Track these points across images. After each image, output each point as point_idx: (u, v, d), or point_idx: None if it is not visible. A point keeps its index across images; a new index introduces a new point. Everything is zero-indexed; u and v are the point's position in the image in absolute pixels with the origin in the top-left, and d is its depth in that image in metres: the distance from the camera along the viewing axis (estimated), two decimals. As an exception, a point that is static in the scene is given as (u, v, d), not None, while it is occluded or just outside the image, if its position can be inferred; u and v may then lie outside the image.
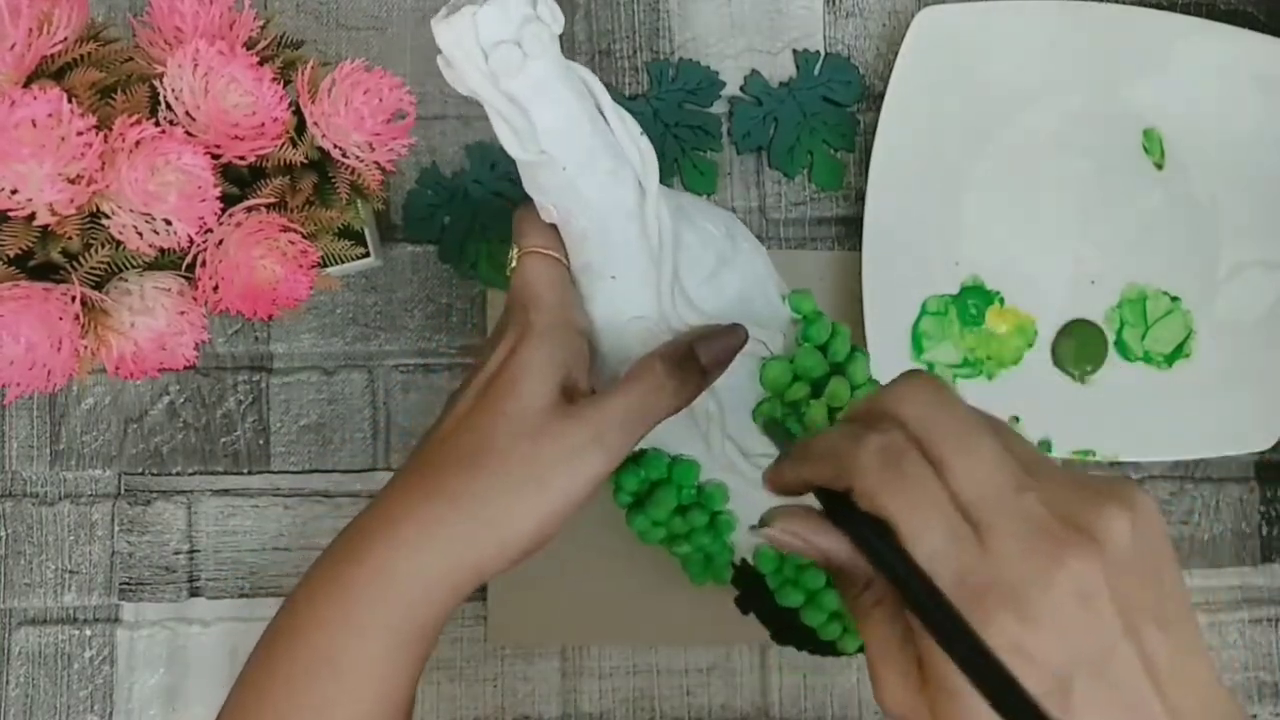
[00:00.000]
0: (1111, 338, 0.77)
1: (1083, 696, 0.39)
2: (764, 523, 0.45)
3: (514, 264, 0.58)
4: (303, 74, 0.57)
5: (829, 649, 0.67)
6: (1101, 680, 0.39)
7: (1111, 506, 0.40)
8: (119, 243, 0.54)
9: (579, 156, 0.54)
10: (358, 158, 0.58)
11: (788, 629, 0.68)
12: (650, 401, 0.54)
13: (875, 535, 0.41)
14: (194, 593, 0.76)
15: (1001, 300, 0.77)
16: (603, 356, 0.59)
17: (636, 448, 0.59)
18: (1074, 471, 0.43)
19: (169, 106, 0.54)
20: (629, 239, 0.56)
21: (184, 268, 0.56)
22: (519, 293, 0.57)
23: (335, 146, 0.58)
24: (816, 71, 0.79)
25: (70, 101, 0.50)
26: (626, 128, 0.55)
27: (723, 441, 0.61)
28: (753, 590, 0.67)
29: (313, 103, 0.57)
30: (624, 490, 0.62)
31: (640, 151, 0.56)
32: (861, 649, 0.66)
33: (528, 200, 0.57)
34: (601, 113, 0.55)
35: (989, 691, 0.37)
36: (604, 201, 0.55)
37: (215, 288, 0.56)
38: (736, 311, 0.59)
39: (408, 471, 0.55)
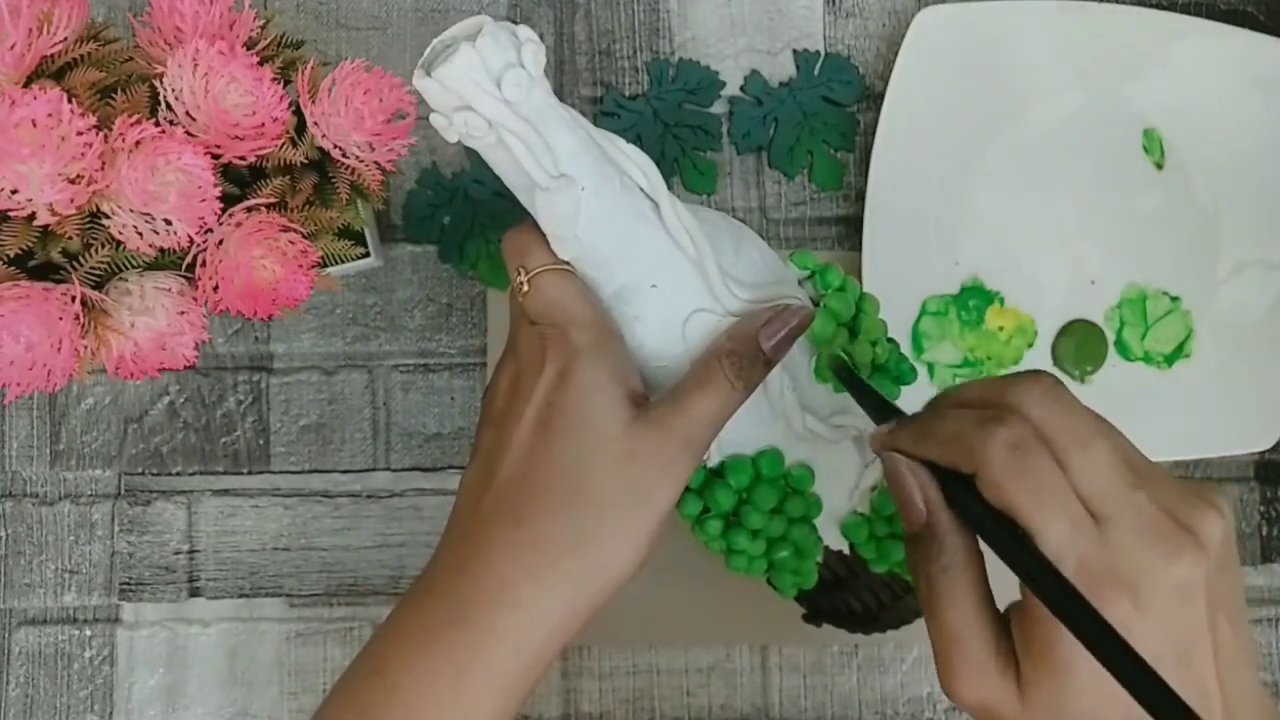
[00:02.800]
0: (1111, 338, 0.77)
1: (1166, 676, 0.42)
2: (890, 457, 0.49)
3: (525, 289, 0.54)
4: (303, 74, 0.57)
5: (917, 609, 0.66)
6: (1184, 668, 0.43)
7: (1210, 510, 0.44)
8: (119, 243, 0.54)
9: (595, 175, 0.53)
10: (358, 158, 0.58)
11: (870, 617, 0.67)
12: (724, 400, 0.53)
13: (995, 521, 0.45)
14: (194, 593, 0.76)
15: (1001, 300, 0.77)
16: (666, 370, 0.57)
17: (714, 463, 0.59)
18: (1168, 474, 0.47)
19: (169, 106, 0.54)
20: (657, 244, 0.55)
21: (184, 268, 0.56)
22: (548, 314, 0.53)
23: (335, 146, 0.58)
24: (816, 71, 0.79)
25: (70, 101, 0.50)
26: (615, 143, 0.56)
27: (800, 413, 0.60)
28: (828, 591, 0.66)
29: (313, 103, 0.57)
30: (715, 515, 0.59)
31: (637, 163, 0.56)
32: None
33: (519, 223, 0.56)
34: (590, 134, 0.55)
35: (1118, 669, 0.40)
36: (623, 214, 0.55)
37: (215, 288, 0.56)
38: (769, 277, 0.59)
39: (486, 517, 0.52)
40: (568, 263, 0.55)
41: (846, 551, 0.64)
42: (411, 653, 0.51)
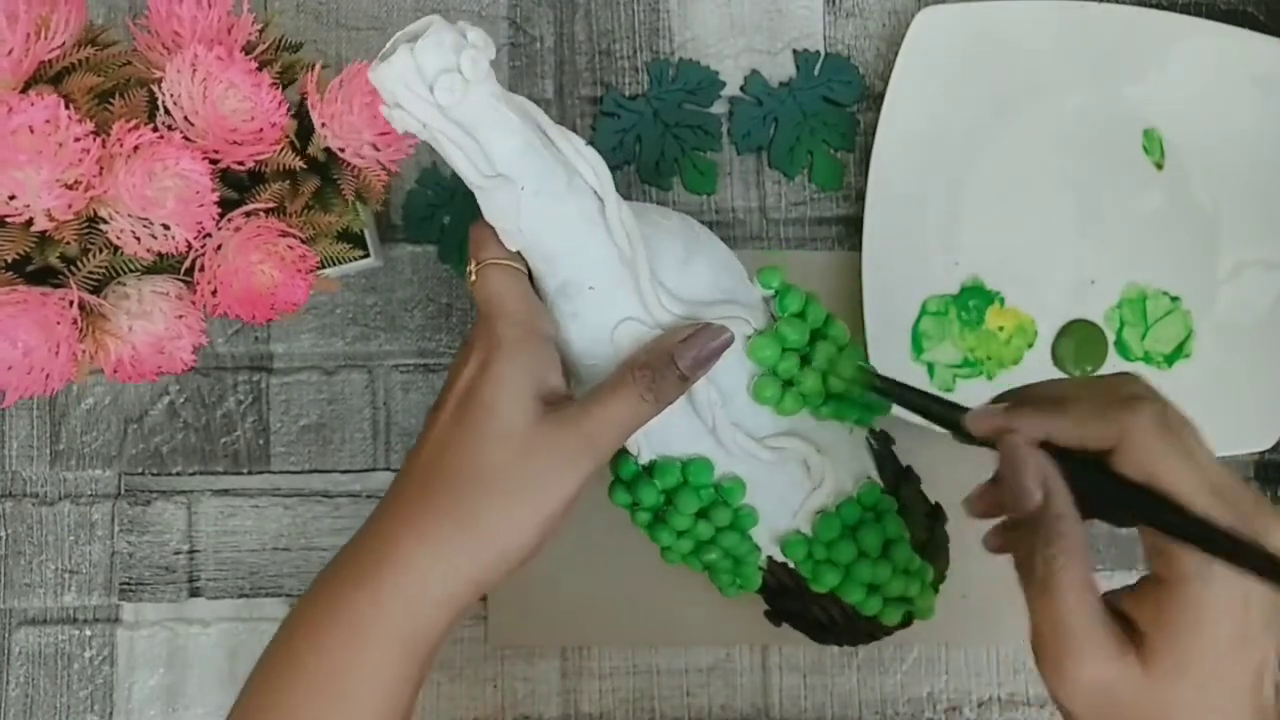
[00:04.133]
0: (1111, 338, 0.77)
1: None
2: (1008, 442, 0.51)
3: (473, 278, 0.58)
4: (311, 75, 0.57)
5: (873, 631, 0.68)
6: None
7: None
8: (117, 247, 0.54)
9: (536, 175, 0.55)
10: (361, 158, 0.58)
11: (826, 629, 0.68)
12: (633, 411, 0.55)
13: (1134, 488, 0.48)
14: (194, 593, 0.76)
15: (1001, 300, 0.77)
16: (594, 369, 0.59)
17: (645, 460, 0.62)
18: None
19: (167, 111, 0.54)
20: (599, 247, 0.57)
21: (182, 272, 0.56)
22: (484, 305, 0.57)
23: (343, 148, 0.58)
24: (816, 71, 0.79)
25: (68, 107, 0.50)
26: (571, 143, 0.57)
27: (731, 430, 0.61)
28: (783, 595, 0.67)
29: (322, 103, 0.57)
30: (643, 509, 0.63)
31: (589, 162, 0.57)
32: (904, 622, 0.67)
33: (483, 218, 0.57)
34: (546, 133, 0.56)
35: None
36: (567, 214, 0.56)
37: (213, 292, 0.56)
38: (715, 293, 0.60)
39: (398, 493, 0.56)
40: (518, 256, 0.58)
41: (791, 565, 0.65)
42: (315, 619, 0.54)
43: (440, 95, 0.52)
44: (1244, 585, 0.46)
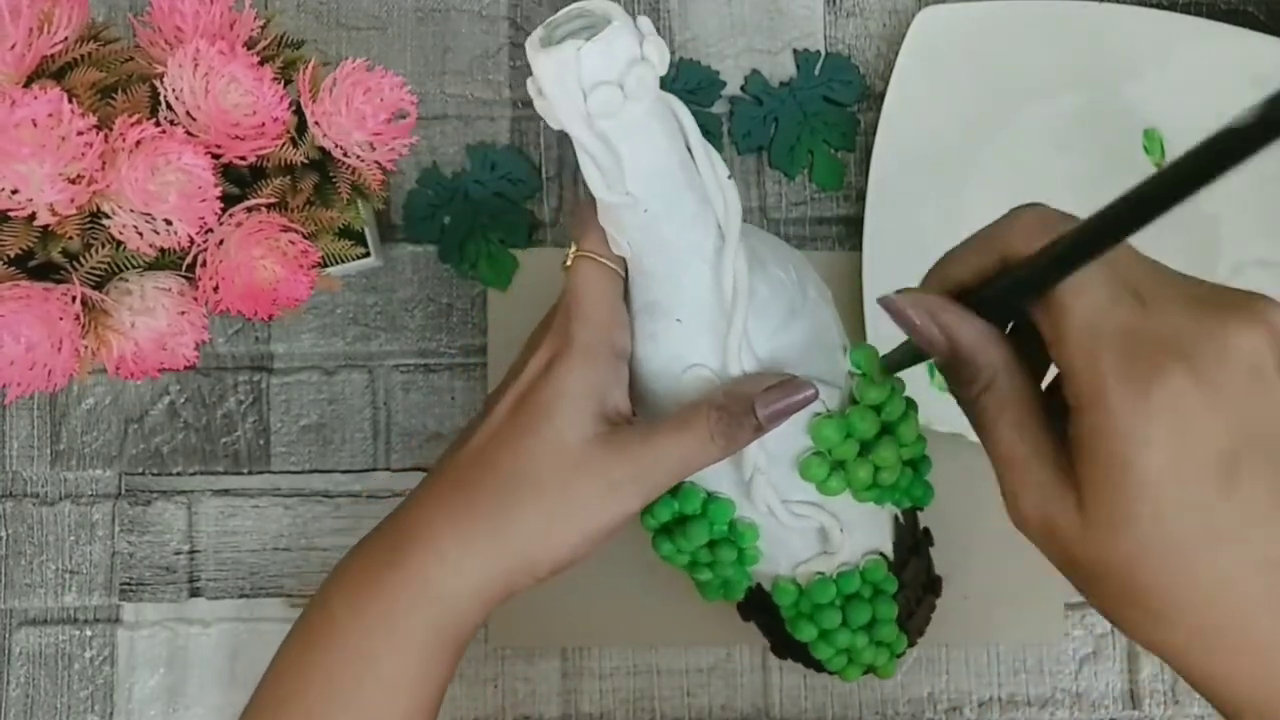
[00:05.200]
0: (1112, 338, 0.77)
1: (1250, 476, 0.38)
2: (888, 300, 0.46)
3: (568, 262, 0.55)
4: (304, 74, 0.57)
5: (823, 668, 0.67)
6: (1269, 463, 0.38)
7: (1268, 301, 0.39)
8: (119, 243, 0.54)
9: (664, 200, 0.51)
10: (359, 157, 0.58)
11: (787, 644, 0.68)
12: (697, 451, 0.52)
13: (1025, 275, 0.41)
14: (194, 593, 0.76)
15: (1002, 300, 0.77)
16: (654, 396, 0.56)
17: None
18: None
19: (169, 106, 0.54)
20: (701, 284, 0.53)
21: (184, 268, 0.56)
22: (567, 298, 0.54)
23: (336, 146, 0.58)
24: (817, 71, 0.79)
25: (70, 101, 0.50)
26: (714, 168, 0.53)
27: (766, 490, 0.58)
28: (760, 610, 0.67)
29: (314, 102, 0.57)
30: (654, 518, 0.60)
31: (725, 196, 0.53)
32: (867, 672, 0.66)
33: (590, 197, 0.53)
34: (691, 153, 0.52)
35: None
36: (682, 245, 0.53)
37: (215, 288, 0.56)
38: (803, 368, 0.56)
39: (441, 475, 0.55)
40: (619, 258, 0.55)
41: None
42: (350, 589, 0.53)
43: (594, 105, 0.47)
44: (1167, 417, 0.38)
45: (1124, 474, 0.39)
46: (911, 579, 0.67)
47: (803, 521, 0.60)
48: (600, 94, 0.47)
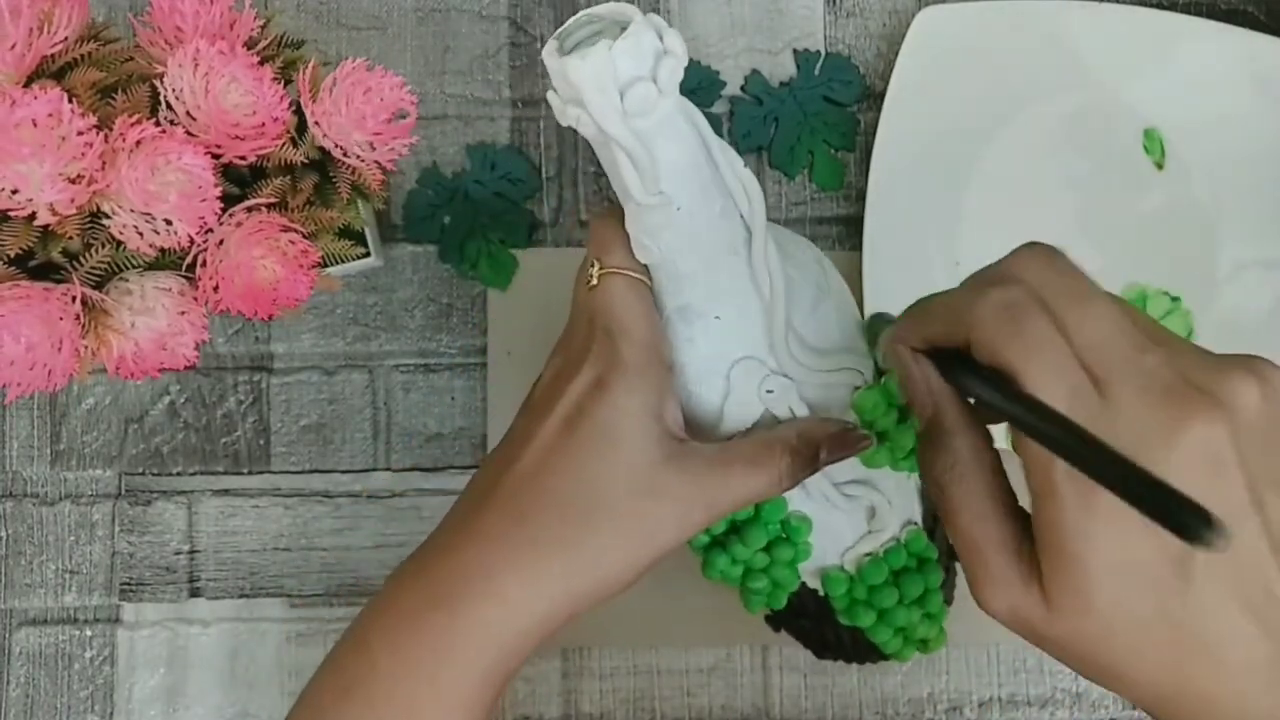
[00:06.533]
0: (1112, 338, 0.77)
1: (1204, 567, 0.39)
2: (878, 333, 0.48)
3: (594, 281, 0.53)
4: (304, 74, 0.57)
5: (875, 657, 0.66)
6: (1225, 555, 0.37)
7: (1240, 373, 0.40)
8: (119, 243, 0.54)
9: (694, 195, 0.51)
10: (358, 157, 0.58)
11: (830, 643, 0.67)
12: (767, 488, 0.52)
13: (993, 383, 0.42)
14: (194, 593, 0.76)
15: (1002, 300, 0.77)
16: (699, 400, 0.56)
17: None
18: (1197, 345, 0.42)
19: (169, 106, 0.55)
20: (736, 278, 0.54)
21: (184, 268, 0.56)
22: (604, 317, 0.52)
23: (336, 146, 0.58)
24: (817, 71, 0.79)
25: (70, 101, 0.50)
26: (730, 162, 0.53)
27: (818, 477, 0.58)
28: (801, 615, 0.66)
29: (314, 102, 0.57)
30: (707, 532, 0.60)
31: (746, 187, 0.53)
32: (919, 649, 0.66)
33: (609, 208, 0.53)
34: (709, 149, 0.52)
35: (1129, 491, 0.36)
36: (714, 240, 0.53)
37: (216, 288, 0.56)
38: (838, 340, 0.57)
39: (485, 504, 0.52)
40: (645, 268, 0.54)
41: (822, 594, 0.64)
42: (393, 631, 0.50)
43: (631, 103, 0.47)
44: (1106, 519, 0.39)
45: (1077, 568, 0.40)
46: (943, 544, 0.67)
47: (853, 502, 0.60)
48: (637, 91, 0.47)
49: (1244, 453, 0.39)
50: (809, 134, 0.78)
